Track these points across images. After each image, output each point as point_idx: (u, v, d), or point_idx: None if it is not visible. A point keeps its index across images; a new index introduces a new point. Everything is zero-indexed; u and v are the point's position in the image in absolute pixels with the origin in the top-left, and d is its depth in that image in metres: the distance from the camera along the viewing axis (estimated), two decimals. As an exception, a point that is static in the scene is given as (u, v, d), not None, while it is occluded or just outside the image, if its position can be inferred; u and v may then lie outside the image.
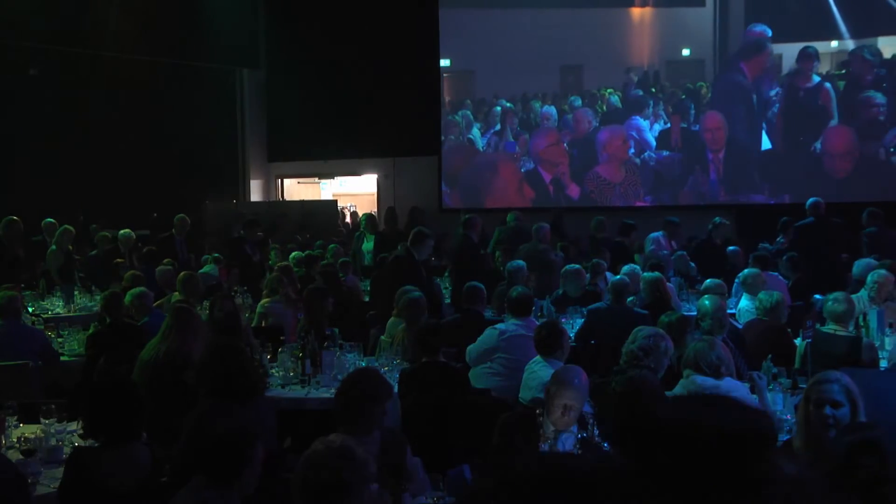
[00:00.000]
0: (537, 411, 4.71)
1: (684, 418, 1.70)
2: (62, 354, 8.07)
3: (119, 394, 4.37)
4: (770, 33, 16.41)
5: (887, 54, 15.82)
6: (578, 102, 17.64)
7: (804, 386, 5.06)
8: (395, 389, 6.15)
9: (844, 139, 15.90)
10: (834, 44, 16.14)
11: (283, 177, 21.12)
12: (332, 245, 12.82)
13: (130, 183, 15.97)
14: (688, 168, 16.88)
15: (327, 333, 7.33)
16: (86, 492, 4.16)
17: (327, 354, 6.84)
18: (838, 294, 6.84)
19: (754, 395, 5.57)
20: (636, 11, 17.60)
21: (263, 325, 8.58)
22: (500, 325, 7.19)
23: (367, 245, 13.41)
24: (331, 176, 21.42)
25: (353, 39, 18.55)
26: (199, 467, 3.71)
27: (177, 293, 9.05)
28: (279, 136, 20.27)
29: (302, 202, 19.14)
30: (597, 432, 4.68)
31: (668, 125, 17.03)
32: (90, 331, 7.97)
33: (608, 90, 17.50)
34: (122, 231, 12.49)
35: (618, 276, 8.61)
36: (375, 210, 18.67)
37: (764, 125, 16.44)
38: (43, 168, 15.05)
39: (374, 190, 20.31)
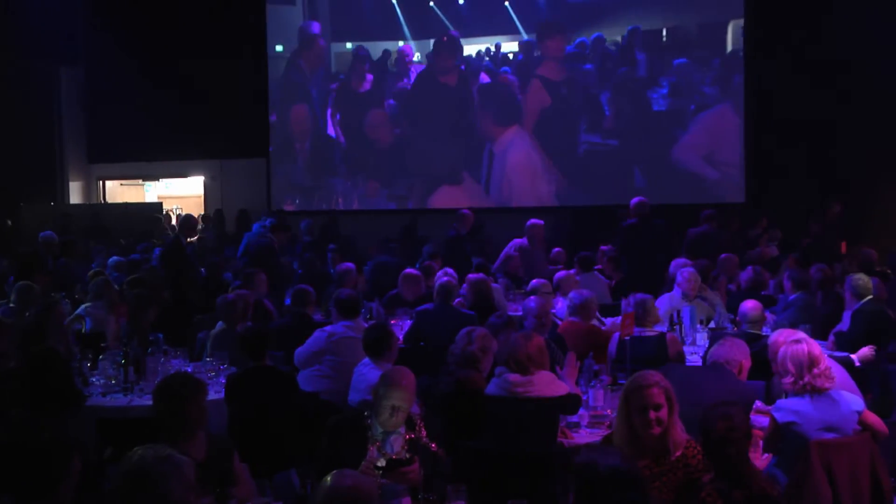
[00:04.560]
0: (365, 413, 4.72)
1: None
2: None
3: None
4: (318, 29, 17.88)
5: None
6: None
7: (623, 382, 5.27)
8: (223, 395, 6.08)
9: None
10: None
11: (104, 178, 20.41)
12: (156, 249, 12.45)
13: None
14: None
15: (151, 339, 7.15)
16: None
17: (151, 360, 6.68)
18: (634, 298, 7.16)
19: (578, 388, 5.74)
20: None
21: (82, 330, 8.26)
22: (328, 328, 7.19)
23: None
24: (156, 178, 20.86)
25: (177, 36, 18.11)
26: (8, 485, 3.49)
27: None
28: (100, 136, 19.56)
29: (125, 205, 18.55)
30: (424, 433, 4.74)
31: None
32: None
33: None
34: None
35: (445, 279, 8.69)
36: (203, 213, 18.30)
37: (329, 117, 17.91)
38: None
39: (201, 192, 19.90)
